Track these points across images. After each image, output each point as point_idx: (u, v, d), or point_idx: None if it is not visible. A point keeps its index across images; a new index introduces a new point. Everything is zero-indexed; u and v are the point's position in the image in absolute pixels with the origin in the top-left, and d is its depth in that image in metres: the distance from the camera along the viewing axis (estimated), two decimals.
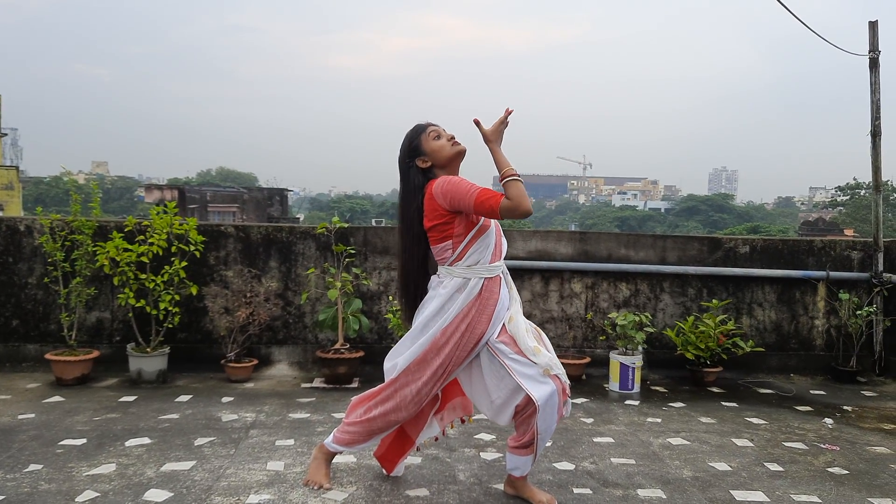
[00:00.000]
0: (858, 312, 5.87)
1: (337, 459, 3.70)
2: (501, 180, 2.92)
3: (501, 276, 3.15)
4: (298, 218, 55.56)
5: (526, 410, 2.98)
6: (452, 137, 3.13)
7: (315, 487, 3.30)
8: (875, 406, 5.19)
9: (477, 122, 3.01)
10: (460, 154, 3.13)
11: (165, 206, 5.40)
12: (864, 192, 47.57)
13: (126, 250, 5.16)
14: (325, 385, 5.29)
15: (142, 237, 5.33)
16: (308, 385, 5.29)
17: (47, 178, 64.07)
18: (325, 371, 5.34)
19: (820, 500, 3.38)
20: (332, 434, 3.34)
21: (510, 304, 3.17)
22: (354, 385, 5.29)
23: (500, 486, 3.40)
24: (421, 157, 3.12)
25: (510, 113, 3.03)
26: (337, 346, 5.37)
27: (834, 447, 4.19)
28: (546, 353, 3.02)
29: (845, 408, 5.11)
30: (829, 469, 3.82)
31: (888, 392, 5.62)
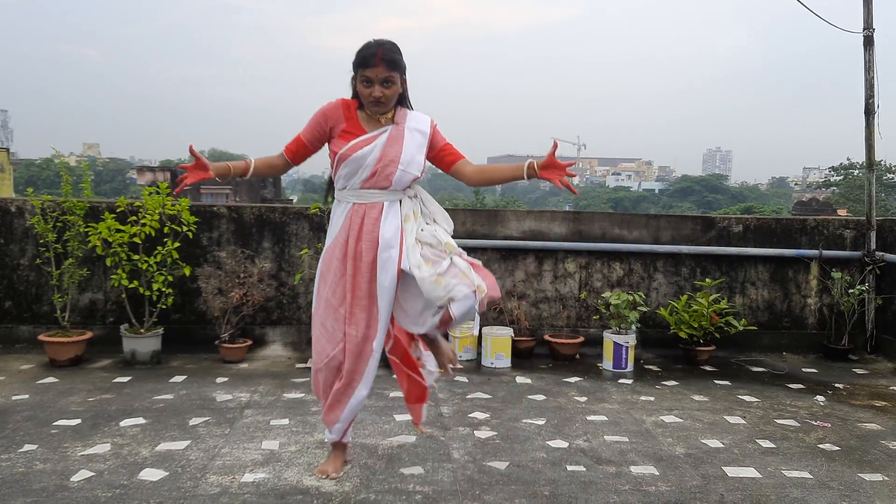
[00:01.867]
0: (851, 291, 5.89)
1: None
2: None
3: (387, 206, 2.98)
4: (292, 199, 55.35)
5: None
6: (378, 99, 2.89)
7: (321, 476, 3.19)
8: (866, 383, 5.22)
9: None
10: (374, 112, 2.97)
11: (157, 186, 5.37)
12: (857, 171, 47.61)
13: (118, 231, 5.13)
14: None
15: (134, 218, 5.30)
16: (302, 365, 5.30)
17: (38, 161, 63.70)
18: None
19: (811, 476, 3.41)
20: None
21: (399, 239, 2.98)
22: None
23: (495, 464, 3.42)
24: (355, 80, 2.95)
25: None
26: None
27: (825, 424, 4.22)
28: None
29: (837, 385, 5.14)
30: (821, 445, 3.85)
31: (879, 370, 5.66)
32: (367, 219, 2.96)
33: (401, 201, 3.03)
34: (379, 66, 2.86)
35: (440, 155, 3.10)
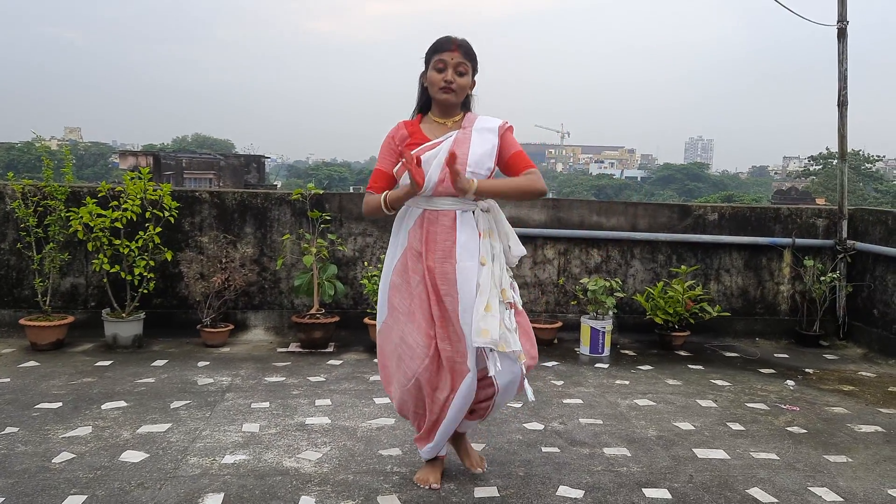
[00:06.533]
0: (822, 278, 6.02)
1: (311, 421, 3.78)
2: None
3: (460, 216, 2.91)
4: (276, 185, 54.97)
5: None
6: (449, 84, 2.89)
7: (422, 485, 3.10)
8: (835, 369, 5.35)
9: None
10: (443, 102, 2.95)
11: (139, 171, 5.38)
12: (836, 161, 48.02)
13: (99, 216, 5.14)
14: (300, 350, 5.35)
15: (115, 203, 5.31)
16: (284, 349, 5.35)
17: (19, 144, 62.77)
18: (300, 336, 5.40)
19: (778, 458, 3.52)
20: None
21: (479, 251, 2.91)
22: (330, 349, 5.35)
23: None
24: (425, 75, 2.99)
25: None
26: (312, 311, 5.42)
27: (794, 408, 4.33)
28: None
29: (807, 370, 5.27)
30: (789, 428, 3.96)
31: (848, 355, 5.80)
32: (440, 227, 2.90)
33: (474, 212, 2.95)
34: (455, 50, 2.90)
35: (509, 164, 3.00)
